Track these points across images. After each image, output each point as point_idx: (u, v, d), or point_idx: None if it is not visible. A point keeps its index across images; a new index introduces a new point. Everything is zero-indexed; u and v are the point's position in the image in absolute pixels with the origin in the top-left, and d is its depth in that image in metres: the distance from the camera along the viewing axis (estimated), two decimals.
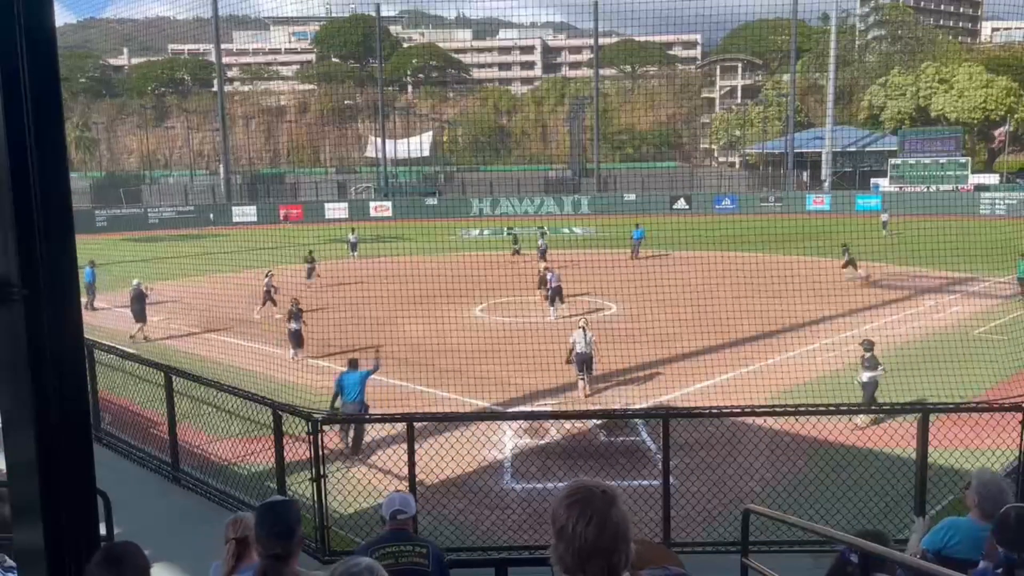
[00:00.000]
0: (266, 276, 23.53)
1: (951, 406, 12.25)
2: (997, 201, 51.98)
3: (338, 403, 11.93)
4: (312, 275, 28.33)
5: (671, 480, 7.91)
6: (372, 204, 61.58)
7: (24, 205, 2.63)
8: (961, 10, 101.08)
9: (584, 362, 15.13)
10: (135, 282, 21.32)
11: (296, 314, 18.31)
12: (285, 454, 8.12)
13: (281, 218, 57.42)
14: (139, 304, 20.99)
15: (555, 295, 22.52)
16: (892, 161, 60.78)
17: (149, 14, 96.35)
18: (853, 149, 66.43)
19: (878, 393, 13.44)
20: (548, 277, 22.95)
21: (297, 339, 18.32)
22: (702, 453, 11.29)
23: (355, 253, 35.41)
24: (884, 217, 40.56)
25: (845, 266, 27.32)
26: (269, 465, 8.52)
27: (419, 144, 75.00)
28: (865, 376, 13.51)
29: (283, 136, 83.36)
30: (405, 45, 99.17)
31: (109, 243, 40.49)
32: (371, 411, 12.39)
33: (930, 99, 66.94)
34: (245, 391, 9.20)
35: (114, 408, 11.61)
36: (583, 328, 15.44)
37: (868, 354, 13.61)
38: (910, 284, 26.10)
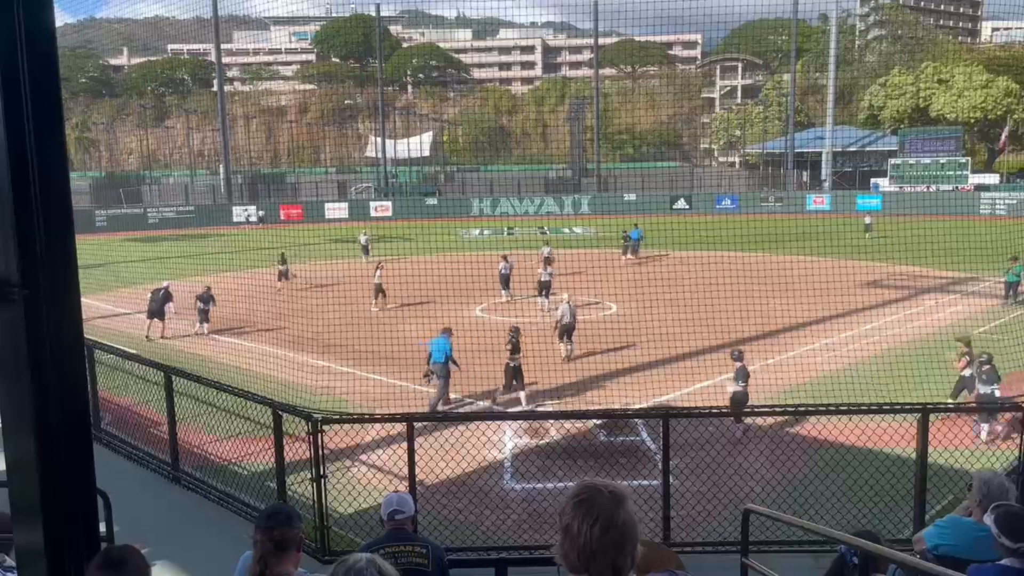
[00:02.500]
0: (377, 269, 24.05)
1: (951, 406, 12.27)
2: (997, 201, 51.98)
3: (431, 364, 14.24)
4: None
5: (671, 480, 7.91)
6: (372, 204, 61.58)
7: (24, 205, 2.63)
8: (961, 10, 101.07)
9: (568, 331, 17.54)
10: (165, 283, 21.45)
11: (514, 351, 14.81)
12: (285, 454, 8.12)
13: (278, 219, 57.23)
14: (159, 304, 20.98)
15: (544, 288, 23.64)
16: (892, 161, 60.78)
17: (149, 14, 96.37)
18: (853, 149, 66.43)
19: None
20: (539, 271, 24.10)
21: (518, 377, 14.67)
22: (702, 453, 11.30)
23: (367, 256, 34.45)
24: (867, 220, 40.77)
25: (625, 252, 31.15)
26: (269, 465, 8.51)
27: (419, 144, 75.01)
28: (738, 386, 12.83)
29: (283, 136, 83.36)
30: (405, 45, 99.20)
31: (109, 243, 40.48)
32: (372, 412, 12.43)
33: (930, 99, 66.94)
34: (245, 391, 9.19)
35: (114, 408, 11.61)
36: (568, 302, 17.90)
37: (739, 364, 12.96)
38: (910, 284, 26.10)
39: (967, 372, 13.34)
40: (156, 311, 20.97)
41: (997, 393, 12.36)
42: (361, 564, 2.23)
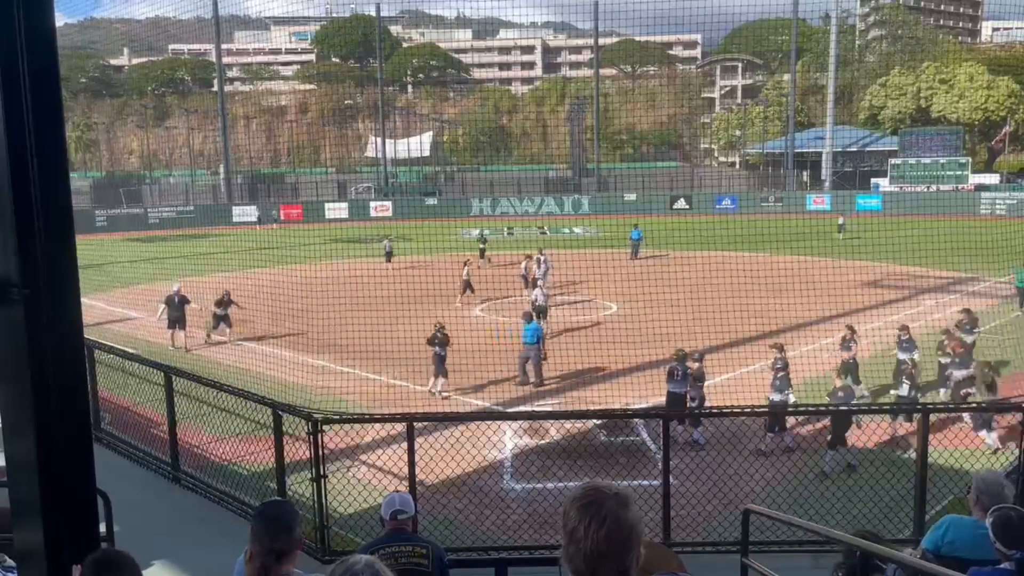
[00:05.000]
0: (464, 264, 24.64)
1: (951, 406, 12.27)
2: (997, 201, 51.96)
3: None
4: None
5: (671, 480, 7.90)
6: (372, 204, 61.57)
7: (24, 205, 2.63)
8: (961, 10, 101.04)
9: (541, 313, 18.91)
10: (176, 286, 20.12)
11: (681, 370, 12.77)
12: (285, 454, 8.12)
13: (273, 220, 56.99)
14: (179, 310, 19.66)
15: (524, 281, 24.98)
16: (892, 161, 60.79)
17: (149, 14, 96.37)
18: (853, 149, 66.43)
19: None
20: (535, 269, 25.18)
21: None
22: (702, 453, 11.31)
23: (389, 261, 33.01)
24: (840, 220, 40.94)
25: (482, 256, 30.68)
26: (269, 465, 8.51)
27: (419, 144, 74.98)
28: (692, 393, 12.72)
29: (283, 136, 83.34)
30: (405, 45, 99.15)
31: (110, 243, 40.48)
32: (371, 412, 12.44)
33: (931, 99, 66.93)
34: (245, 391, 9.19)
35: (114, 408, 11.61)
36: (540, 287, 20.56)
37: (697, 364, 12.90)
38: (910, 284, 26.08)
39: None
40: (178, 319, 19.72)
41: (791, 399, 12.38)
42: (359, 567, 2.23)
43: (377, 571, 2.24)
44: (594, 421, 12.18)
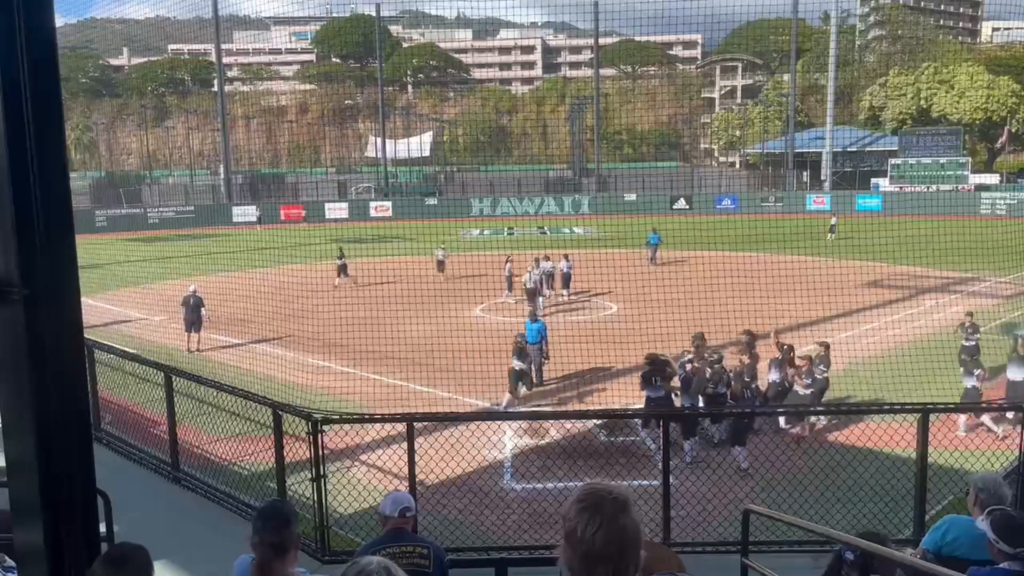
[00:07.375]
0: (507, 262, 24.97)
1: (951, 406, 12.27)
2: (997, 201, 51.95)
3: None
4: None
5: (671, 480, 7.90)
6: (372, 204, 61.58)
7: (24, 205, 2.63)
8: (961, 10, 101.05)
9: (532, 296, 21.18)
10: (192, 287, 19.84)
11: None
12: (285, 454, 8.12)
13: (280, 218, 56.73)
14: (195, 312, 19.38)
15: (566, 281, 25.52)
16: (892, 161, 60.79)
17: (150, 14, 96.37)
18: (853, 149, 66.42)
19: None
20: (561, 266, 26.06)
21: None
22: (702, 453, 11.32)
23: (441, 271, 29.76)
24: (833, 221, 40.88)
25: (341, 274, 27.25)
26: (269, 465, 8.51)
27: (419, 144, 74.99)
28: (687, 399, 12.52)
29: (283, 136, 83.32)
30: (405, 45, 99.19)
31: (112, 243, 40.45)
32: (371, 412, 12.45)
33: (931, 99, 66.93)
34: (245, 391, 9.19)
35: (114, 408, 11.61)
36: (531, 272, 22.67)
37: (691, 365, 12.64)
38: (910, 284, 26.07)
39: None
40: (194, 321, 19.40)
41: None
42: (372, 567, 2.24)
43: (390, 572, 2.24)
44: (594, 421, 12.18)
